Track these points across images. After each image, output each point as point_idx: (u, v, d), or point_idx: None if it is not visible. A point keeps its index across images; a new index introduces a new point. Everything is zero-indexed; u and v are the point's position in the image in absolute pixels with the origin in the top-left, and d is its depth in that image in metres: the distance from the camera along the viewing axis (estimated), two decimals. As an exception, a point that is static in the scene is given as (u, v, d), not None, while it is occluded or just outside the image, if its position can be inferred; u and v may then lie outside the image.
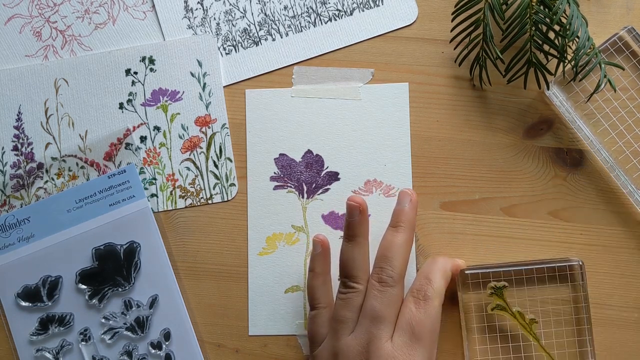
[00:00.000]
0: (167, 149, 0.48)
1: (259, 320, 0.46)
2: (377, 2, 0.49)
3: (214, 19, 0.49)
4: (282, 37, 0.49)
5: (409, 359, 0.37)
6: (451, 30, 0.46)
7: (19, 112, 0.48)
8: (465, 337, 0.43)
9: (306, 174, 0.47)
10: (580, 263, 0.43)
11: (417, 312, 0.39)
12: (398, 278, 0.40)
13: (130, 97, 0.48)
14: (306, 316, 0.46)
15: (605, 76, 0.42)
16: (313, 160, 0.48)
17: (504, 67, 0.46)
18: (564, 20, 0.42)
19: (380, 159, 0.47)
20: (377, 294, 0.39)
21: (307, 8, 0.49)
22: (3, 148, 0.48)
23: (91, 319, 0.46)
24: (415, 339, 0.38)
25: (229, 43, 0.49)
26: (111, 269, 0.46)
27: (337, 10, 0.49)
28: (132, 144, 0.48)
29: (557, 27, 0.42)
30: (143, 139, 0.48)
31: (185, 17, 0.49)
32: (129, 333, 0.45)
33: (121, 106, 0.48)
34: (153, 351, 0.45)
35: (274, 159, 0.48)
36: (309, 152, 0.48)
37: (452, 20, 0.45)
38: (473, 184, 0.47)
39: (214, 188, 0.47)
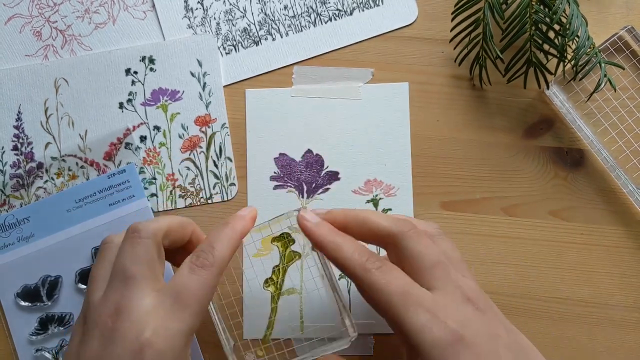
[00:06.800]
0: (167, 148, 0.48)
1: (253, 324, 0.46)
2: (377, 2, 0.49)
3: (214, 18, 0.49)
4: (282, 37, 0.49)
5: (164, 322, 0.32)
6: (451, 30, 0.46)
7: (19, 112, 0.48)
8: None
9: (306, 174, 0.47)
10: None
11: (187, 277, 0.34)
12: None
13: (130, 97, 0.48)
14: (302, 319, 0.46)
15: (605, 75, 0.42)
16: (313, 160, 0.48)
17: (503, 66, 0.46)
18: (563, 20, 0.42)
19: (380, 159, 0.47)
20: (127, 248, 0.35)
21: (307, 8, 0.49)
22: (3, 148, 0.48)
23: (91, 318, 0.46)
24: (179, 304, 0.33)
25: (229, 43, 0.49)
26: (111, 268, 0.46)
27: (337, 10, 0.49)
28: (132, 144, 0.48)
29: (557, 27, 0.42)
30: (143, 138, 0.48)
31: (185, 16, 0.49)
32: (128, 333, 0.45)
33: (121, 106, 0.48)
34: (153, 351, 0.45)
35: (274, 158, 0.48)
36: (309, 151, 0.48)
37: (452, 20, 0.45)
38: (473, 184, 0.47)
39: (213, 188, 0.47)
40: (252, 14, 0.49)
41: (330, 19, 0.49)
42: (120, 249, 0.36)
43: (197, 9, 0.49)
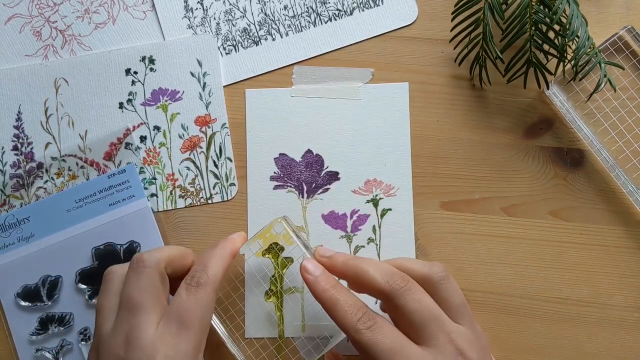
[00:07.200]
0: (167, 148, 0.48)
1: (255, 323, 0.46)
2: (377, 2, 0.49)
3: (214, 18, 0.49)
4: (282, 37, 0.49)
5: (172, 347, 0.35)
6: (451, 30, 0.46)
7: (19, 112, 0.48)
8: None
9: (306, 174, 0.47)
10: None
11: (186, 299, 0.36)
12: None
13: (130, 97, 0.48)
14: (304, 319, 0.46)
15: (605, 76, 0.42)
16: (313, 160, 0.48)
17: (503, 66, 0.46)
18: (563, 20, 0.42)
19: (380, 159, 0.47)
20: (133, 278, 0.37)
21: (307, 8, 0.49)
22: (3, 148, 0.48)
23: (91, 318, 0.46)
24: (183, 326, 0.35)
25: (229, 43, 0.49)
26: (111, 268, 0.46)
27: (337, 10, 0.49)
28: (132, 144, 0.48)
29: (557, 27, 0.42)
30: (143, 138, 0.48)
31: (185, 16, 0.49)
32: (128, 333, 0.45)
33: (121, 106, 0.48)
34: (153, 351, 0.45)
35: (274, 158, 0.48)
36: (309, 151, 0.48)
37: (452, 20, 0.45)
38: (473, 184, 0.47)
39: (213, 188, 0.47)
40: (252, 14, 0.49)
41: (330, 19, 0.49)
42: (127, 279, 0.37)
43: (197, 9, 0.49)
